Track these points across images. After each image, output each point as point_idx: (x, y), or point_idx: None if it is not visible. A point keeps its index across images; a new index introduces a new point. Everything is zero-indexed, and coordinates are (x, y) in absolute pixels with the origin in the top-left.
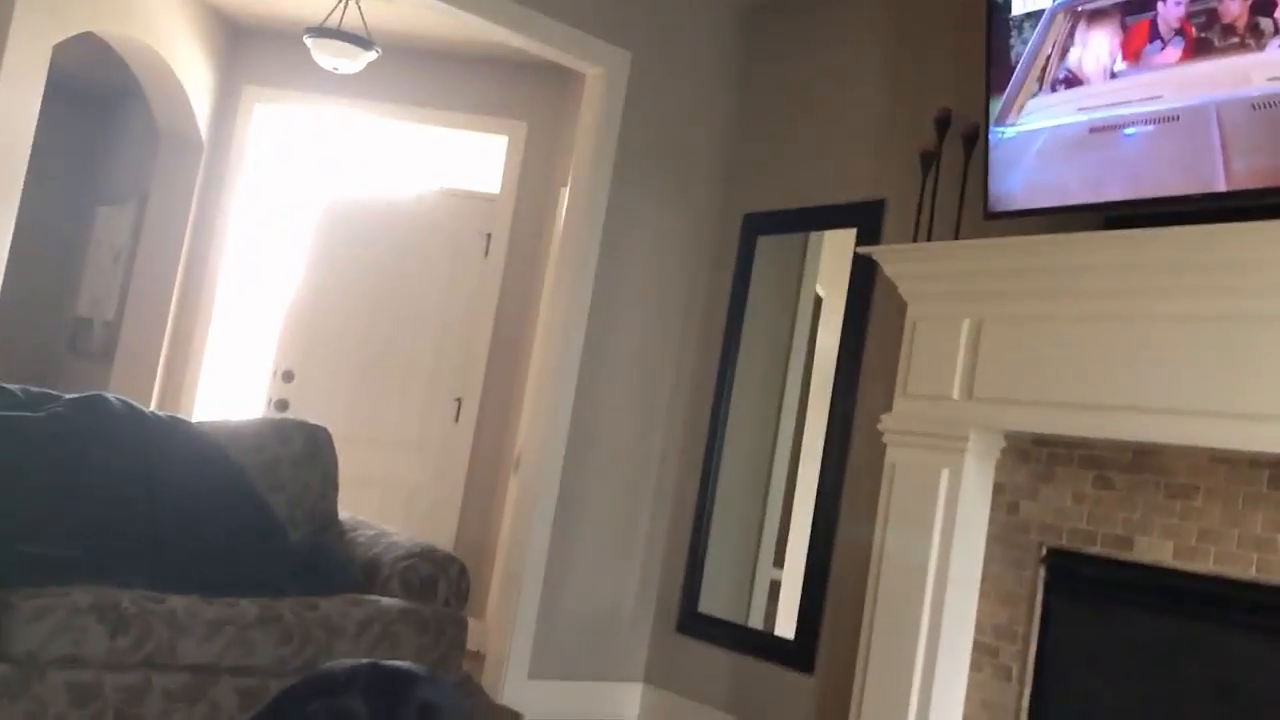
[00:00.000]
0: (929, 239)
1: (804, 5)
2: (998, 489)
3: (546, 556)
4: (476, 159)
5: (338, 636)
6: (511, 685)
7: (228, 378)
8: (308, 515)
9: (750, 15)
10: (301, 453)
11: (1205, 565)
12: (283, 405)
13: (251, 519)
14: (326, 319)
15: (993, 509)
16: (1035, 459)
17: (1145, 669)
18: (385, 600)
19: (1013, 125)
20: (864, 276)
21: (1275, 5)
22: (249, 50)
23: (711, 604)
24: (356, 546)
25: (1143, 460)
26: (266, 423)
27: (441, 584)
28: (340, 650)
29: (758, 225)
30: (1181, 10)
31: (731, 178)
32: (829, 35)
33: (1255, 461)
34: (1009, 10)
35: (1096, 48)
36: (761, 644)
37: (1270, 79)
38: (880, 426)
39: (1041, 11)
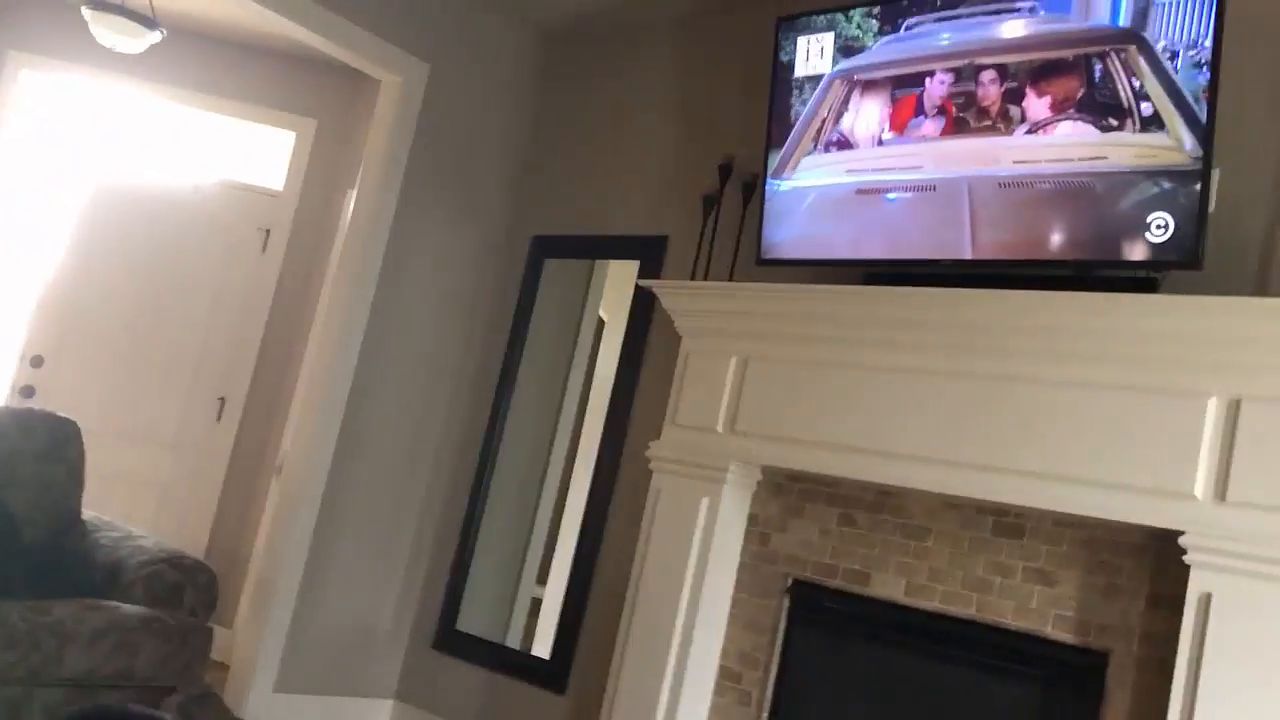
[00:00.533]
0: (706, 278)
1: (603, 38)
2: (752, 520)
3: (303, 566)
4: (260, 153)
5: (70, 643)
6: (256, 698)
7: None
8: (48, 514)
9: (551, 41)
10: (45, 446)
11: (932, 602)
12: (29, 392)
13: None
14: (86, 304)
15: (746, 539)
16: (788, 493)
17: (873, 697)
18: (126, 607)
19: (788, 180)
20: (644, 307)
21: (1024, 96)
22: (17, 13)
23: (471, 622)
24: (99, 549)
25: (884, 501)
26: (8, 412)
27: (188, 592)
28: (71, 658)
29: (546, 248)
30: (944, 89)
31: (523, 199)
32: (625, 70)
33: (981, 509)
34: (792, 71)
35: (868, 116)
36: (517, 663)
37: (1016, 161)
38: (647, 454)
39: (821, 76)
